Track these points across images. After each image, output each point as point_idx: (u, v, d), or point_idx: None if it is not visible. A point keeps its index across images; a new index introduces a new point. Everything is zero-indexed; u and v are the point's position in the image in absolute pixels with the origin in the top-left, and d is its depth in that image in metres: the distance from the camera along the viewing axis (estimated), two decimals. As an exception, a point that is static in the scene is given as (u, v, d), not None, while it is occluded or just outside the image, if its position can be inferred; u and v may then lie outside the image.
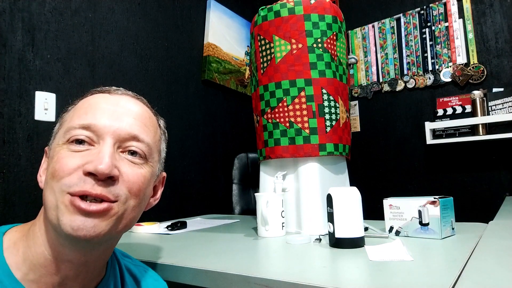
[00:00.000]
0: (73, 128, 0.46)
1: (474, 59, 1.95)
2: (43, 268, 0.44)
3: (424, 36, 2.10)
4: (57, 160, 0.45)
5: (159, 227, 1.10)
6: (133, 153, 0.48)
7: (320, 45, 0.94)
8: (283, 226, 0.88)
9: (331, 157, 0.95)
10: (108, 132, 0.47)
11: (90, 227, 0.43)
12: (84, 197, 0.43)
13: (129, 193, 0.46)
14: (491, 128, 1.81)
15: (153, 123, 0.54)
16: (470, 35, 1.97)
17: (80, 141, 0.46)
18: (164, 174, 0.58)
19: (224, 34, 2.06)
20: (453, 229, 0.78)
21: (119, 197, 0.45)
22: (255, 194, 0.94)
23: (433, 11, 2.08)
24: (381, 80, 2.25)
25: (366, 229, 0.85)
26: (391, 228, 0.80)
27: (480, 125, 1.82)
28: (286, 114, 0.94)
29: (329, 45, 0.95)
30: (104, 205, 0.43)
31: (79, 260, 0.45)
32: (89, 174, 0.43)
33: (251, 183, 1.77)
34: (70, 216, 0.42)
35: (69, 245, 0.44)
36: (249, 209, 1.72)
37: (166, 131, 0.58)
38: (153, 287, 0.59)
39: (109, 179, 0.44)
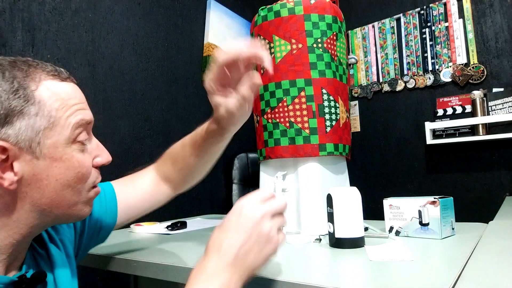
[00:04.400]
0: (80, 125, 0.48)
1: (474, 59, 1.95)
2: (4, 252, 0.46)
3: (424, 36, 2.10)
4: (76, 163, 0.47)
5: (159, 227, 1.10)
6: None
7: (320, 45, 0.94)
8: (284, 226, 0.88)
9: (331, 157, 0.95)
10: (92, 125, 0.52)
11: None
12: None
13: None
14: (491, 128, 1.81)
15: None
16: (470, 35, 1.97)
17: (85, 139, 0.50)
18: None
19: (224, 34, 2.06)
20: (453, 229, 0.78)
21: None
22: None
23: (433, 11, 2.08)
24: (381, 80, 2.25)
25: (366, 229, 0.85)
26: (391, 228, 0.80)
27: (480, 125, 1.82)
28: (286, 114, 0.94)
29: (329, 45, 0.95)
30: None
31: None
32: (97, 166, 0.51)
33: (251, 183, 1.77)
34: (88, 207, 0.51)
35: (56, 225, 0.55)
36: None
37: None
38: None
39: None
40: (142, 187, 0.73)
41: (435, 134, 1.98)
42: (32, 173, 0.44)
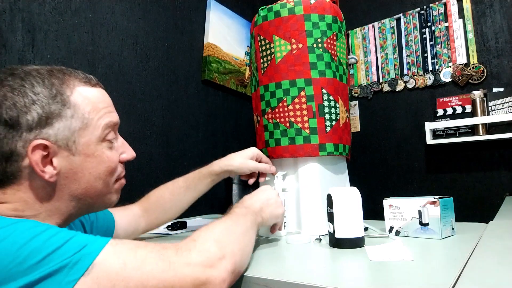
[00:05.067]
0: (109, 126, 0.56)
1: (474, 59, 1.95)
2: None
3: (424, 36, 2.10)
4: (106, 159, 0.55)
5: (159, 227, 1.10)
6: None
7: (320, 45, 0.94)
8: (284, 226, 0.88)
9: (331, 157, 0.95)
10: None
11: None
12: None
13: None
14: (491, 128, 1.81)
15: None
16: (470, 35, 1.97)
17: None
18: None
19: (224, 34, 2.06)
20: (453, 229, 0.78)
21: None
22: None
23: (433, 11, 2.08)
24: (381, 80, 2.25)
25: (366, 229, 0.85)
26: (391, 228, 0.80)
27: (480, 125, 1.82)
28: (286, 114, 0.94)
29: (329, 45, 0.95)
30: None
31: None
32: (122, 162, 0.59)
33: (251, 184, 1.76)
34: (116, 196, 0.60)
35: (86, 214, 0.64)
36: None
37: None
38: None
39: None
40: (129, 215, 0.85)
41: (435, 134, 1.98)
42: (69, 167, 0.51)
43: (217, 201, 1.92)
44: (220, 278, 0.47)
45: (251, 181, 0.96)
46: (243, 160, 0.89)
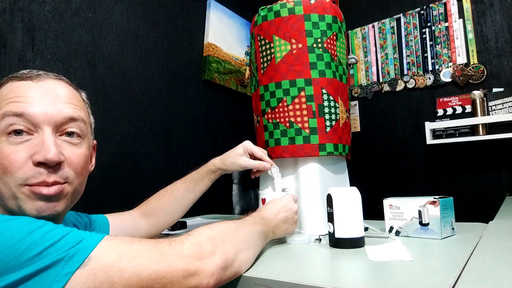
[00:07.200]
0: (6, 115, 0.50)
1: (474, 59, 1.95)
2: None
3: (424, 36, 2.10)
4: (2, 155, 0.49)
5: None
6: (70, 134, 0.55)
7: (320, 45, 0.94)
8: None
9: (331, 157, 0.95)
10: (44, 120, 0.51)
11: (52, 207, 0.52)
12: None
13: (74, 173, 0.55)
14: (491, 128, 1.81)
15: (79, 100, 0.60)
16: (470, 35, 1.97)
17: (18, 132, 0.50)
18: (95, 142, 0.66)
19: (224, 34, 2.06)
20: (453, 229, 0.78)
21: (67, 179, 0.54)
22: (259, 192, 0.95)
23: (433, 11, 2.08)
24: (381, 80, 2.25)
25: (366, 229, 0.85)
26: (391, 228, 0.80)
27: (480, 125, 1.82)
28: (286, 114, 0.94)
29: (329, 45, 0.95)
30: (58, 187, 0.52)
31: None
32: (38, 164, 0.50)
33: (251, 183, 1.77)
34: (33, 203, 0.50)
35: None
36: (249, 209, 1.71)
37: (88, 102, 0.65)
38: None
39: (56, 165, 0.51)
40: (126, 218, 0.85)
41: (435, 134, 1.98)
42: None
43: (217, 201, 1.92)
44: (209, 271, 0.47)
45: (252, 176, 0.98)
46: (234, 158, 0.91)
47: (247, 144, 0.92)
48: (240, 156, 0.91)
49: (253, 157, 0.93)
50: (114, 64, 1.47)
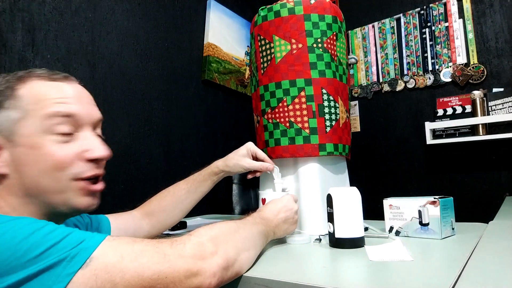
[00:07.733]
0: (54, 116, 0.52)
1: (474, 59, 1.95)
2: None
3: (424, 36, 2.10)
4: (49, 152, 0.51)
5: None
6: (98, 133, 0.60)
7: (320, 45, 0.94)
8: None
9: (331, 157, 0.95)
10: (88, 121, 0.56)
11: (96, 203, 0.57)
12: (93, 179, 0.55)
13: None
14: (491, 128, 1.81)
15: None
16: (470, 35, 1.97)
17: (65, 131, 0.53)
18: None
19: (224, 34, 2.06)
20: (453, 229, 0.78)
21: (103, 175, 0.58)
22: (259, 192, 0.95)
23: (433, 11, 2.08)
24: (381, 80, 2.25)
25: (366, 229, 0.85)
26: (391, 228, 0.80)
27: (480, 125, 1.82)
28: (286, 114, 0.94)
29: (329, 45, 0.95)
30: (103, 183, 0.57)
31: None
32: (89, 160, 0.54)
33: (251, 183, 1.77)
34: (81, 198, 0.54)
35: (64, 217, 0.58)
36: (249, 209, 1.71)
37: None
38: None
39: (101, 162, 0.56)
40: (128, 218, 0.85)
41: (435, 134, 1.98)
42: (13, 159, 0.51)
43: (217, 201, 1.92)
44: (211, 271, 0.47)
45: (249, 176, 0.97)
46: (237, 160, 0.91)
47: (250, 146, 0.92)
48: (243, 157, 0.91)
49: (255, 158, 0.93)
50: (114, 64, 1.47)
